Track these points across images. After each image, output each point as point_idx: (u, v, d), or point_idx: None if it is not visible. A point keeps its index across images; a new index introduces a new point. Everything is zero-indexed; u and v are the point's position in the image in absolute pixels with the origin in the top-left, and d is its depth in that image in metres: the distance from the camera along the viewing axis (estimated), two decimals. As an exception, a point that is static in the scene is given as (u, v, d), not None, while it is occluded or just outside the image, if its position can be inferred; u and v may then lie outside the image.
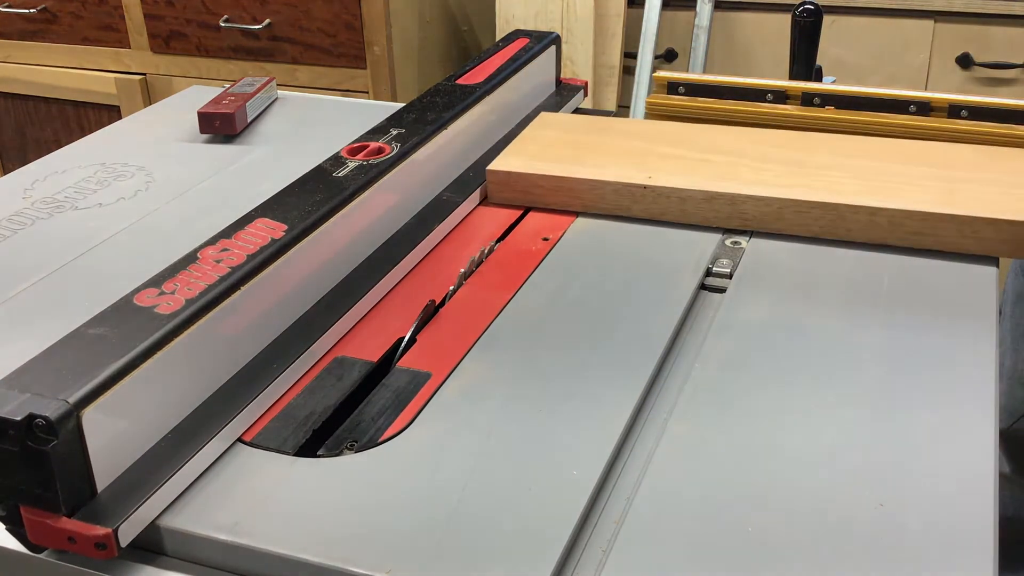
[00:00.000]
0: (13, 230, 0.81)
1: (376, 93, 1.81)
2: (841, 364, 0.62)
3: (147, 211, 0.84)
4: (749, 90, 0.92)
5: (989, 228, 0.73)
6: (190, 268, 0.60)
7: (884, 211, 0.74)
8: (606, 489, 0.53)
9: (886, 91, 0.91)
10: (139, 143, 0.99)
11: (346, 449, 0.56)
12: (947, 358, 0.62)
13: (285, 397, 0.60)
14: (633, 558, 0.48)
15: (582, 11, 1.89)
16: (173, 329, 0.54)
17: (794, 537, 0.49)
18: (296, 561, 0.48)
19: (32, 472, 0.47)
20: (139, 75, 1.96)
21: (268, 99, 1.08)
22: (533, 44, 1.02)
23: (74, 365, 0.50)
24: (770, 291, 0.70)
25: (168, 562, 0.50)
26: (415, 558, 0.48)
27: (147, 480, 0.51)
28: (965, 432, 0.56)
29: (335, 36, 1.79)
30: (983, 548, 0.48)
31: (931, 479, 0.53)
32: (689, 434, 0.56)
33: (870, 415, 0.58)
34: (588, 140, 0.88)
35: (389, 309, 0.69)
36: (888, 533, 0.49)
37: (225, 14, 1.83)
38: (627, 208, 0.81)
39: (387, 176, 0.74)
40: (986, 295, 0.69)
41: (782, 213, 0.77)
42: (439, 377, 0.61)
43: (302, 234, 0.65)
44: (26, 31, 2.01)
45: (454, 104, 0.86)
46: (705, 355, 0.64)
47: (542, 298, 0.70)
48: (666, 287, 0.70)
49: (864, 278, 0.72)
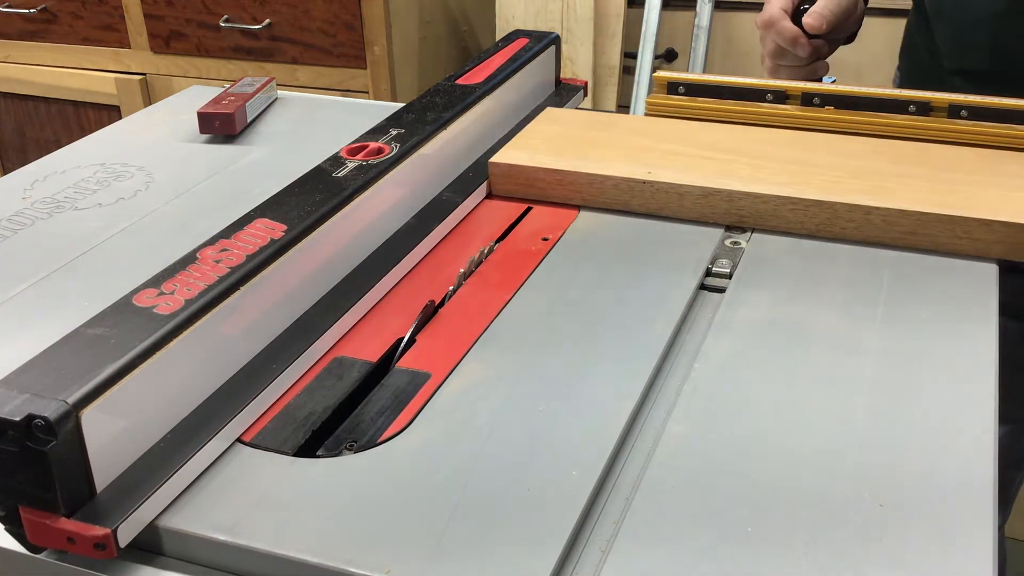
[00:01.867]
0: (13, 230, 0.81)
1: (376, 93, 1.81)
2: (841, 364, 0.62)
3: (147, 211, 0.84)
4: (749, 90, 0.93)
5: (982, 229, 0.73)
6: (189, 268, 0.60)
7: (878, 210, 0.75)
8: (606, 489, 0.53)
9: (886, 91, 0.91)
10: (139, 143, 0.99)
11: (345, 449, 0.56)
12: (948, 357, 0.62)
13: (284, 397, 0.60)
14: (633, 558, 0.48)
15: (582, 11, 1.89)
16: (172, 329, 0.54)
17: (795, 537, 0.49)
18: (296, 561, 0.48)
19: (31, 472, 0.47)
20: (139, 75, 1.96)
21: (268, 99, 1.08)
22: (533, 44, 1.02)
23: (73, 365, 0.50)
24: (770, 291, 0.70)
25: (167, 562, 0.50)
26: (415, 558, 0.47)
27: (146, 480, 0.51)
28: (965, 431, 0.56)
29: (335, 36, 1.79)
30: (983, 554, 0.48)
31: (931, 478, 0.53)
32: (688, 434, 0.56)
33: (870, 415, 0.58)
34: (591, 136, 0.89)
35: (389, 309, 0.69)
36: (888, 534, 0.49)
37: (225, 14, 1.83)
38: (626, 202, 0.81)
39: (387, 176, 0.74)
40: (987, 292, 0.69)
41: (778, 210, 0.77)
42: (439, 377, 0.61)
43: (302, 234, 0.65)
44: (26, 31, 2.01)
45: (454, 104, 0.86)
46: (705, 355, 0.64)
47: (542, 298, 0.70)
48: (666, 287, 0.70)
49: (864, 277, 0.72)
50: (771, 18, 0.96)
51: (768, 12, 0.96)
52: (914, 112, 0.89)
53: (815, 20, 0.94)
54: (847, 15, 0.97)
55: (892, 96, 0.90)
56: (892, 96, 0.90)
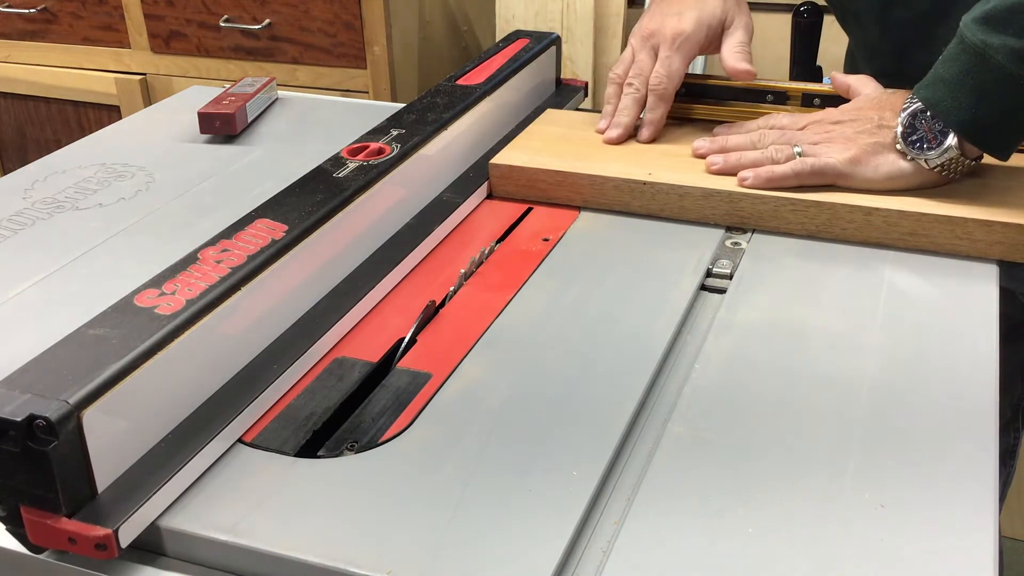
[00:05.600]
0: (13, 230, 0.81)
1: (376, 93, 1.81)
2: (841, 364, 0.62)
3: (147, 211, 0.84)
4: (749, 90, 0.92)
5: (982, 230, 0.73)
6: (191, 268, 0.60)
7: (879, 211, 0.75)
8: (606, 489, 0.53)
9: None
10: (139, 143, 0.99)
11: (346, 450, 0.56)
12: (948, 357, 0.63)
13: (285, 398, 0.60)
14: (633, 558, 0.48)
15: (582, 11, 1.89)
16: (173, 330, 0.54)
17: (795, 538, 0.49)
18: (296, 561, 0.48)
19: (32, 473, 0.47)
20: (139, 75, 1.95)
21: (268, 99, 1.08)
22: (533, 44, 1.02)
23: (74, 366, 0.50)
24: (770, 292, 0.70)
25: (168, 563, 0.50)
26: (415, 558, 0.48)
27: (147, 481, 0.51)
28: (965, 431, 0.56)
29: (335, 36, 1.79)
30: (984, 564, 0.48)
31: (932, 477, 0.53)
32: (689, 435, 0.56)
33: (871, 415, 0.58)
34: (591, 137, 0.89)
35: (389, 309, 0.69)
36: (888, 559, 0.49)
37: (225, 14, 1.83)
38: (627, 203, 0.81)
39: (387, 176, 0.74)
40: (987, 292, 0.70)
41: (778, 211, 0.77)
42: (439, 378, 0.61)
43: (302, 235, 0.65)
44: (26, 31, 2.01)
45: (454, 104, 0.86)
46: (705, 356, 0.64)
47: (542, 299, 0.70)
48: (666, 288, 0.70)
49: (865, 278, 0.72)
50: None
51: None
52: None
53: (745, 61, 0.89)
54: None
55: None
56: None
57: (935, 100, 0.74)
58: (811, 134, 0.80)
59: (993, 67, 0.70)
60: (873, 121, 0.78)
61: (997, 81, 0.70)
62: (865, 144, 0.77)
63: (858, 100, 0.83)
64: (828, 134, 0.79)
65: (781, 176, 0.77)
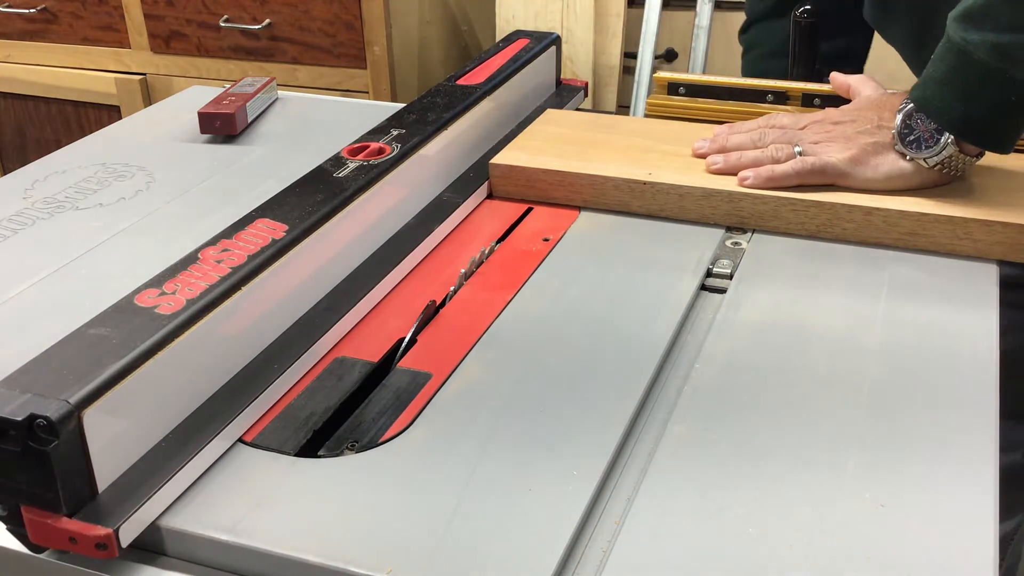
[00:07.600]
0: (13, 230, 0.81)
1: (376, 93, 1.81)
2: (841, 364, 0.62)
3: (147, 211, 0.84)
4: (749, 90, 0.93)
5: (982, 230, 0.73)
6: (191, 268, 0.60)
7: (879, 211, 0.75)
8: (606, 489, 0.53)
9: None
10: (139, 143, 0.99)
11: (347, 450, 0.56)
12: (949, 357, 0.63)
13: (286, 397, 0.60)
14: (633, 558, 0.48)
15: (582, 11, 1.89)
16: (174, 329, 0.54)
17: (796, 538, 0.49)
18: (296, 561, 0.48)
19: (33, 472, 0.47)
20: (139, 75, 1.96)
21: (268, 99, 1.08)
22: (533, 45, 1.02)
23: (75, 365, 0.50)
24: (770, 292, 0.70)
25: (169, 562, 0.50)
26: (415, 558, 0.48)
27: (148, 480, 0.51)
28: (965, 431, 0.56)
29: (335, 36, 1.79)
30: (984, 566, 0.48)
31: (932, 477, 0.53)
32: (689, 434, 0.56)
33: (871, 415, 0.58)
34: (591, 137, 0.89)
35: (390, 309, 0.70)
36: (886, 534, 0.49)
37: (225, 14, 1.84)
38: (627, 203, 0.81)
39: (388, 176, 0.74)
40: (987, 292, 0.70)
41: (778, 211, 0.77)
42: (440, 377, 0.61)
43: (303, 234, 0.65)
44: (26, 31, 2.01)
45: (454, 105, 0.86)
46: (705, 355, 0.64)
47: (543, 299, 0.70)
48: (666, 288, 0.71)
49: (865, 278, 0.72)
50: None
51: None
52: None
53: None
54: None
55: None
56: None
57: (926, 100, 0.74)
58: (811, 133, 0.80)
59: (976, 63, 0.70)
60: (873, 121, 0.78)
61: (981, 77, 0.71)
62: (865, 144, 0.77)
63: (858, 100, 0.83)
64: (828, 134, 0.79)
65: (782, 175, 0.77)
